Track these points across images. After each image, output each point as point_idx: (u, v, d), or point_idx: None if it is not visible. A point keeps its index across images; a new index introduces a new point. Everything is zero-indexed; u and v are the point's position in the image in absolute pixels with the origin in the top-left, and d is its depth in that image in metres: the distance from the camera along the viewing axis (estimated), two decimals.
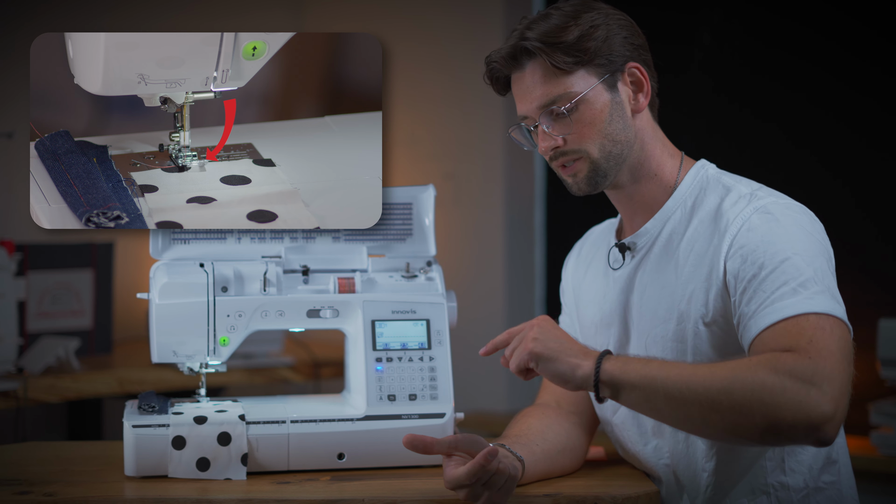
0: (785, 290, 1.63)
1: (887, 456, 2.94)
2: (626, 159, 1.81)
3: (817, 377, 1.52)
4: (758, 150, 3.46)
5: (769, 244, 1.67)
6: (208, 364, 1.94)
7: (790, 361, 1.54)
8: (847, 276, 3.31)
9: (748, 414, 1.54)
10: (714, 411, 1.56)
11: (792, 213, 1.72)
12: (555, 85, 1.77)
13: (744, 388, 1.53)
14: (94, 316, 3.32)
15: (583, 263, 2.00)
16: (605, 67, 1.77)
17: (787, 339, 1.58)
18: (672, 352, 1.77)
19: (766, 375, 1.53)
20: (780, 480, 1.74)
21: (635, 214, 1.86)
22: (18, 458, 1.95)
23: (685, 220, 1.80)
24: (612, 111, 1.78)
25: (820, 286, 1.63)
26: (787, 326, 1.60)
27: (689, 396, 1.57)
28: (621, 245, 1.86)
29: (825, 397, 1.52)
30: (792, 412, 1.52)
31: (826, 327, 1.58)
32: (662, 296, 1.78)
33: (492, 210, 3.86)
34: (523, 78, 1.80)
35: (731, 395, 1.54)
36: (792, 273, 1.64)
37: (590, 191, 1.81)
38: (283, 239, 2.00)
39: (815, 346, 1.55)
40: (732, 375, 1.55)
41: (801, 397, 1.51)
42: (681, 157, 1.86)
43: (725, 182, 1.80)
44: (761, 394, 1.52)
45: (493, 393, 3.79)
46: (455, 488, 1.64)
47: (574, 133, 1.77)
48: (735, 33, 3.51)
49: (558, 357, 1.67)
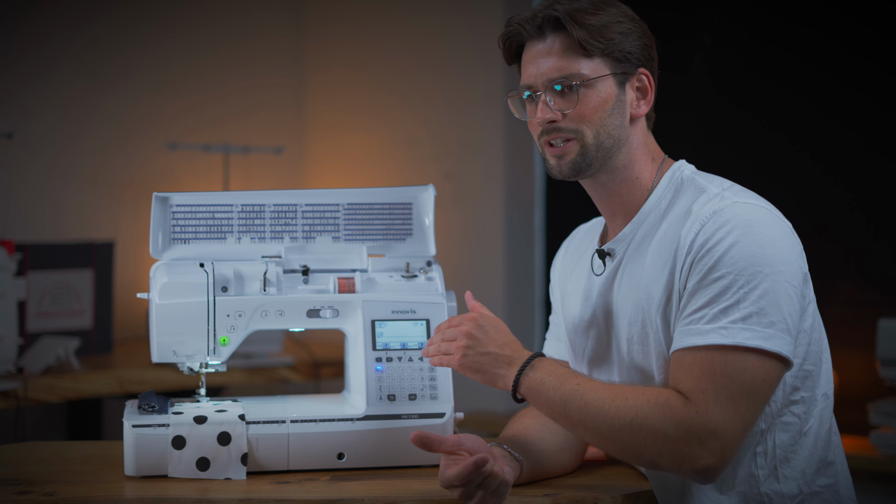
0: (706, 312, 1.66)
1: (887, 456, 2.94)
2: (612, 157, 1.81)
3: (702, 433, 1.62)
4: (757, 149, 3.46)
5: (713, 253, 1.67)
6: (208, 364, 1.94)
7: (679, 414, 1.63)
8: (847, 276, 3.34)
9: (636, 455, 1.68)
10: (609, 443, 1.70)
11: (748, 218, 1.69)
12: (571, 62, 1.78)
13: (632, 435, 1.65)
14: (94, 316, 3.32)
15: (569, 263, 2.00)
16: (621, 64, 1.79)
17: (689, 378, 1.65)
18: (638, 354, 1.78)
19: (658, 425, 1.64)
20: (773, 489, 1.73)
21: (614, 216, 1.87)
22: (18, 458, 1.95)
23: (657, 223, 1.80)
24: (615, 106, 1.80)
25: (743, 311, 1.64)
26: (695, 359, 1.65)
27: (590, 425, 1.69)
28: (600, 252, 1.86)
29: (706, 452, 1.62)
30: (674, 463, 1.64)
31: (730, 368, 1.63)
32: (630, 298, 1.79)
33: (492, 210, 3.86)
34: (540, 48, 1.80)
35: (624, 434, 1.66)
36: (719, 292, 1.66)
37: (571, 175, 1.82)
38: (283, 239, 2.00)
39: (707, 397, 1.63)
40: (629, 418, 1.66)
41: (682, 453, 1.63)
42: (662, 160, 1.86)
43: (699, 183, 1.80)
44: (647, 442, 1.65)
45: (492, 393, 3.79)
46: (447, 487, 1.66)
47: (575, 113, 1.78)
48: (735, 33, 3.52)
49: (485, 370, 1.78)
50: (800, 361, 1.73)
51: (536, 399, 1.75)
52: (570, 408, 1.70)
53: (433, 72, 4.00)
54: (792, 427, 1.73)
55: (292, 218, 2.01)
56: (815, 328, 1.76)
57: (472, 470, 1.61)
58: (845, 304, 3.25)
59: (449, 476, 1.63)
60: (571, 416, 1.71)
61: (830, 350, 1.81)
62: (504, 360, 1.77)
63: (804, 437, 1.74)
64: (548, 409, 1.74)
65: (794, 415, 1.74)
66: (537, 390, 1.74)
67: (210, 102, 4.07)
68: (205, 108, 4.05)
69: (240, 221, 2.00)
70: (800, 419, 1.74)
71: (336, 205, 2.03)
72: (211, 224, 1.99)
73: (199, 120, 4.02)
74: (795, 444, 1.74)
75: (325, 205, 2.02)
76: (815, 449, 1.75)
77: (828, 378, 1.79)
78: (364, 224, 2.03)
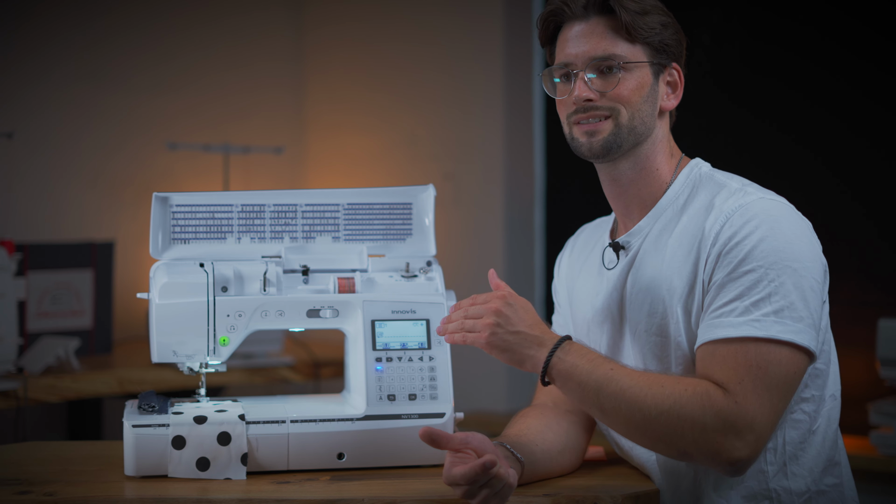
0: (737, 305, 1.67)
1: (887, 456, 2.94)
2: (639, 144, 1.83)
3: (740, 423, 1.62)
4: (757, 149, 3.46)
5: (742, 246, 1.69)
6: (208, 364, 1.94)
7: (719, 404, 1.63)
8: (847, 276, 3.34)
9: (668, 444, 1.67)
10: (642, 432, 1.68)
11: (775, 213, 1.72)
12: (614, 43, 1.80)
13: (669, 423, 1.65)
14: (94, 316, 3.32)
15: (576, 262, 2.01)
16: (658, 54, 1.83)
17: (724, 370, 1.65)
18: (655, 346, 1.78)
19: (694, 414, 1.63)
20: (782, 485, 1.74)
21: (630, 211, 1.88)
22: (18, 458, 1.95)
23: (676, 217, 1.82)
24: (649, 94, 1.83)
25: (775, 304, 1.65)
26: (729, 351, 1.66)
27: (623, 412, 1.68)
28: (615, 244, 1.87)
29: (742, 444, 1.62)
30: (709, 454, 1.64)
31: (765, 360, 1.64)
32: (649, 291, 1.80)
33: (492, 210, 3.86)
34: (584, 27, 1.82)
35: (660, 422, 1.65)
36: (750, 285, 1.67)
37: (601, 153, 1.82)
38: (283, 239, 2.00)
39: (745, 388, 1.63)
40: (667, 406, 1.65)
41: (719, 443, 1.63)
42: (679, 157, 1.89)
43: (717, 179, 1.83)
44: (683, 431, 1.64)
45: (492, 393, 3.80)
46: (451, 485, 1.66)
47: (613, 93, 1.80)
48: (734, 32, 3.52)
49: (514, 349, 1.75)
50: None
51: (567, 383, 1.72)
52: (603, 394, 1.69)
53: (433, 72, 4.00)
54: (801, 425, 1.74)
55: (292, 218, 2.01)
56: (828, 328, 1.78)
57: (479, 471, 1.62)
58: (846, 303, 3.25)
59: (455, 474, 1.63)
60: (603, 403, 1.69)
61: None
62: (534, 341, 1.75)
63: (813, 436, 1.75)
64: (579, 394, 1.72)
65: (804, 412, 1.75)
66: (569, 373, 1.72)
67: (210, 102, 4.07)
68: (205, 108, 4.05)
69: (240, 221, 2.00)
70: (809, 417, 1.75)
71: (336, 205, 2.03)
72: (211, 224, 1.99)
73: (199, 120, 4.02)
74: (804, 441, 1.75)
75: (324, 205, 2.02)
76: (822, 448, 1.76)
77: (836, 379, 1.80)
78: (364, 224, 2.03)
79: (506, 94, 3.80)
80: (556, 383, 1.74)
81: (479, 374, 3.79)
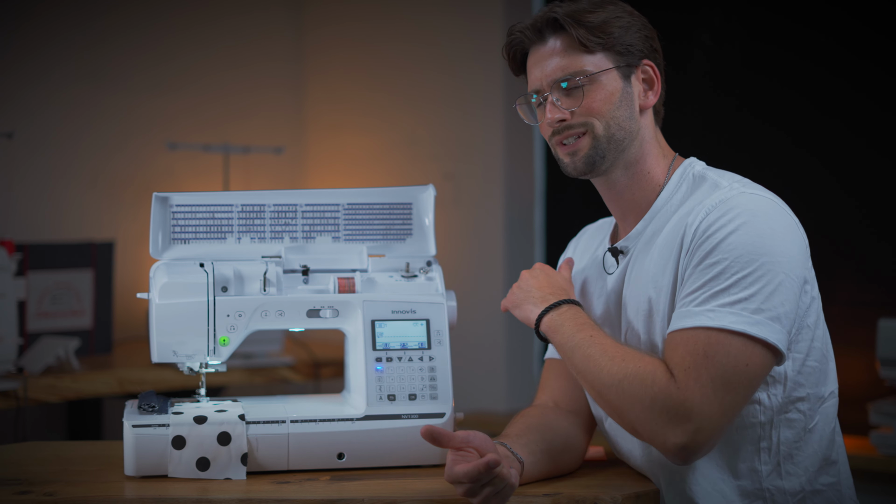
0: (697, 295, 1.68)
1: (886, 456, 2.94)
2: (624, 150, 1.83)
3: (678, 409, 1.64)
4: (757, 149, 3.46)
5: (712, 239, 1.69)
6: (208, 364, 1.94)
7: (660, 385, 1.66)
8: (846, 276, 3.34)
9: (620, 415, 1.72)
10: (600, 399, 1.74)
11: (753, 207, 1.71)
12: (573, 60, 1.81)
13: (618, 395, 1.70)
14: (94, 316, 3.32)
15: (578, 263, 2.01)
16: (623, 57, 1.82)
17: (675, 356, 1.67)
18: (646, 346, 1.79)
19: (639, 392, 1.67)
20: (776, 485, 1.74)
21: (626, 215, 1.88)
22: (18, 458, 1.95)
23: (668, 218, 1.82)
24: (622, 98, 1.82)
25: (733, 296, 1.65)
26: (682, 339, 1.68)
27: (587, 377, 1.75)
28: (613, 249, 1.87)
29: (679, 431, 1.64)
30: (649, 435, 1.68)
31: (713, 350, 1.64)
32: (640, 290, 1.80)
33: (492, 210, 3.86)
34: (543, 51, 1.84)
35: (611, 393, 1.71)
36: (713, 276, 1.67)
37: (585, 170, 1.83)
38: (283, 239, 2.00)
39: (688, 375, 1.64)
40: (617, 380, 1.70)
41: (658, 425, 1.65)
42: (672, 158, 1.88)
43: (710, 177, 1.82)
44: (630, 406, 1.68)
45: (492, 393, 3.80)
46: (453, 483, 1.66)
47: (583, 108, 1.81)
48: (735, 33, 3.52)
49: (520, 304, 1.89)
50: (802, 357, 1.74)
51: (552, 339, 1.82)
52: (575, 356, 1.76)
53: (433, 72, 4.00)
54: (797, 424, 1.74)
55: (292, 218, 2.01)
56: (819, 325, 1.77)
57: (482, 470, 1.62)
58: (845, 304, 3.25)
59: (458, 473, 1.63)
60: (575, 364, 1.76)
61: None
62: (538, 299, 1.86)
63: (809, 435, 1.75)
64: (561, 353, 1.80)
65: (800, 412, 1.74)
66: (554, 330, 1.81)
67: (210, 102, 4.07)
68: (205, 108, 4.05)
69: (240, 221, 2.00)
70: (805, 416, 1.74)
71: (336, 205, 2.03)
72: (211, 224, 1.99)
73: (199, 120, 4.02)
74: (800, 440, 1.74)
75: (325, 205, 2.02)
76: (819, 447, 1.76)
77: (834, 377, 1.80)
78: (364, 224, 2.03)
79: (506, 94, 3.80)
80: (547, 338, 1.84)
81: (479, 374, 3.79)
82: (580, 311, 1.82)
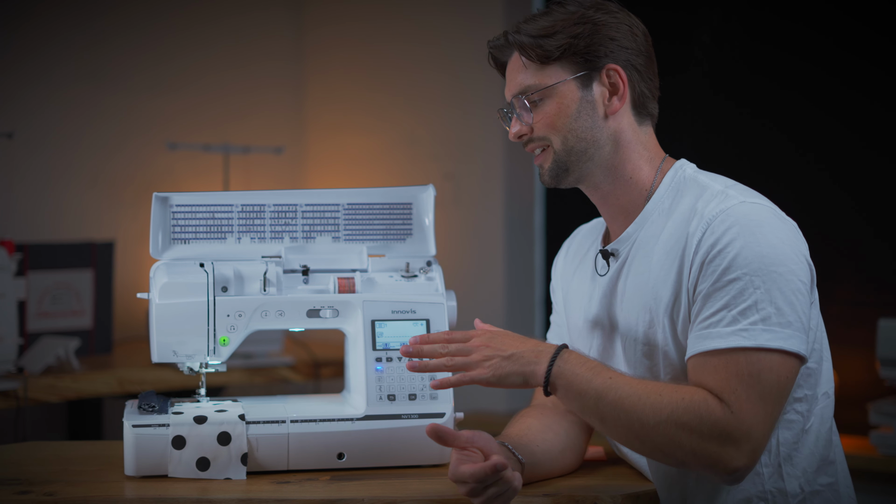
0: (725, 315, 1.66)
1: (886, 456, 2.94)
2: (592, 158, 1.81)
3: (737, 434, 1.61)
4: (756, 150, 3.46)
5: (724, 255, 1.67)
6: (208, 364, 1.94)
7: (715, 414, 1.61)
8: (846, 276, 3.34)
9: (666, 453, 1.65)
10: (640, 441, 1.66)
11: (755, 218, 1.69)
12: (528, 75, 1.82)
13: (666, 432, 1.63)
14: (94, 316, 3.32)
15: (571, 264, 2.01)
16: (581, 66, 1.79)
17: (717, 380, 1.64)
18: (644, 354, 1.77)
19: (691, 423, 1.62)
20: (777, 486, 1.74)
21: (615, 218, 1.87)
22: (18, 458, 1.95)
23: (661, 223, 1.79)
24: (581, 108, 1.80)
25: (762, 312, 1.64)
26: (720, 362, 1.65)
27: (622, 421, 1.66)
28: (604, 252, 1.86)
29: (739, 453, 1.61)
30: (707, 463, 1.63)
31: (756, 369, 1.63)
32: (636, 299, 1.78)
33: (492, 210, 3.86)
34: (509, 65, 1.87)
35: (651, 432, 1.64)
36: (735, 294, 1.66)
37: (553, 183, 1.85)
38: (283, 239, 2.01)
39: (739, 398, 1.62)
40: (665, 416, 1.63)
41: (716, 453, 1.61)
42: (661, 160, 1.85)
43: (701, 181, 1.79)
44: (681, 441, 1.62)
45: (492, 393, 3.79)
46: (456, 482, 1.66)
47: (540, 122, 1.82)
48: (734, 33, 3.52)
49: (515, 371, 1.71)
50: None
51: (567, 391, 1.70)
52: (603, 402, 1.67)
53: (433, 72, 4.00)
54: (795, 425, 1.74)
55: (292, 218, 2.01)
56: (818, 326, 1.77)
57: (488, 472, 1.62)
58: (845, 304, 3.25)
59: (463, 472, 1.63)
60: (603, 411, 1.67)
61: (830, 350, 1.82)
62: (531, 356, 1.72)
63: (806, 435, 1.75)
64: (579, 403, 1.70)
65: (797, 412, 1.74)
66: (569, 382, 1.69)
67: (210, 102, 4.07)
68: (205, 108, 4.05)
69: (240, 221, 2.00)
70: (802, 417, 1.75)
71: (336, 205, 2.03)
72: (211, 224, 1.99)
73: (199, 120, 4.02)
74: (798, 441, 1.74)
75: (325, 205, 2.02)
76: (816, 447, 1.76)
77: (828, 377, 1.80)
78: (364, 224, 2.03)
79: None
80: (557, 393, 1.72)
81: None
82: (577, 353, 1.74)
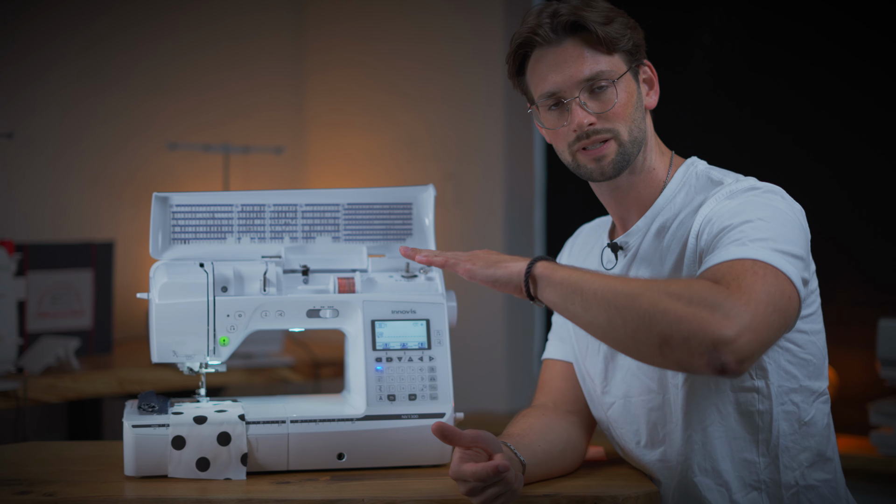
0: (737, 243, 1.61)
1: (886, 456, 2.94)
2: (642, 150, 1.83)
3: (727, 304, 1.49)
4: (757, 149, 3.46)
5: (734, 214, 1.67)
6: (208, 364, 1.94)
7: (707, 286, 1.52)
8: (846, 276, 3.34)
9: (649, 322, 1.53)
10: (619, 315, 1.56)
11: (764, 191, 1.72)
12: (597, 62, 1.78)
13: (651, 297, 1.53)
14: (94, 316, 3.32)
15: (575, 261, 2.01)
16: (633, 58, 1.82)
17: (717, 275, 1.56)
18: None
19: (677, 289, 1.52)
20: (772, 477, 1.76)
21: (628, 212, 1.87)
22: (18, 458, 1.95)
23: (673, 216, 1.82)
24: (637, 100, 1.83)
25: (773, 244, 1.60)
26: (723, 267, 1.58)
27: (600, 297, 1.58)
28: (613, 245, 1.87)
29: (727, 321, 1.48)
30: (689, 326, 1.49)
31: (760, 273, 1.55)
32: None
33: (492, 210, 3.86)
34: (560, 52, 1.79)
35: (637, 300, 1.54)
36: (748, 232, 1.62)
37: (613, 174, 1.82)
38: (283, 239, 2.00)
39: (737, 282, 1.53)
40: (646, 286, 1.55)
41: (701, 316, 1.49)
42: (671, 156, 1.89)
43: (713, 176, 1.83)
44: (666, 304, 1.52)
45: (492, 393, 3.80)
46: (458, 480, 1.66)
47: (610, 112, 1.78)
48: (735, 33, 3.52)
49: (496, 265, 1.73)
50: (798, 350, 1.75)
51: (550, 280, 1.67)
52: (586, 283, 1.62)
53: (433, 72, 4.00)
54: (792, 416, 1.75)
55: (292, 218, 2.01)
56: (817, 319, 1.78)
57: (491, 473, 1.62)
58: (845, 304, 3.25)
59: (465, 471, 1.63)
60: (585, 291, 1.61)
61: (830, 350, 1.82)
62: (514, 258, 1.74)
63: (804, 428, 1.76)
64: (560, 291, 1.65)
65: (794, 403, 1.75)
66: (552, 269, 1.67)
67: (210, 102, 4.07)
68: (205, 108, 4.05)
69: (240, 221, 2.00)
70: (798, 408, 1.76)
71: (336, 205, 2.03)
72: (211, 224, 1.99)
73: (199, 120, 4.02)
74: (796, 433, 1.76)
75: (325, 205, 2.02)
76: (813, 441, 1.78)
77: (826, 375, 1.81)
78: (364, 224, 2.03)
79: (506, 94, 3.80)
80: (538, 286, 1.68)
81: (479, 374, 3.79)
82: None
